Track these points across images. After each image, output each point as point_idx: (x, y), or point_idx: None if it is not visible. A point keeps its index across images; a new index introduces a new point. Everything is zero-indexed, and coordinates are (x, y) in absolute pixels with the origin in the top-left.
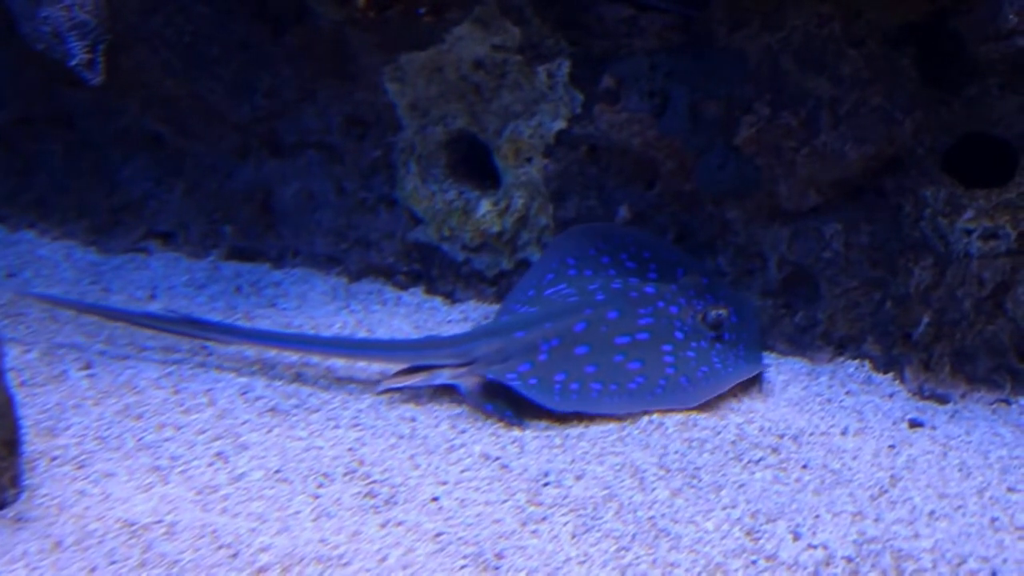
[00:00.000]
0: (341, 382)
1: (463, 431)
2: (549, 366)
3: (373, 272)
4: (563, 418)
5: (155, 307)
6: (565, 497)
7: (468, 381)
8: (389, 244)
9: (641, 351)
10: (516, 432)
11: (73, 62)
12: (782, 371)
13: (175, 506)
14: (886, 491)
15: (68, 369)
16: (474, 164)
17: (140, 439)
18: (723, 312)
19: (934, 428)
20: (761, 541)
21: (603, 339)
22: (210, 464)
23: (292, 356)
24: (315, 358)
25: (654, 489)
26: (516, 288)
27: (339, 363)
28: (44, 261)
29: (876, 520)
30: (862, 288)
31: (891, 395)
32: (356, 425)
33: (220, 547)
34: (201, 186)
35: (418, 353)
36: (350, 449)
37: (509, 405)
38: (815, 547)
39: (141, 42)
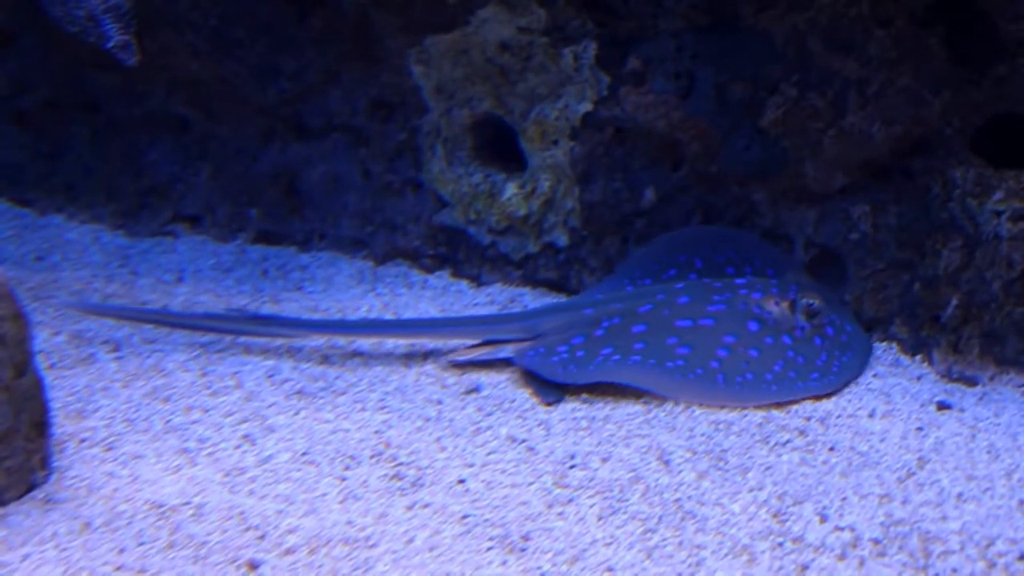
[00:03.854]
0: (368, 365)
1: (489, 414)
2: (601, 341)
3: (399, 255)
4: (591, 400)
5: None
6: (591, 479)
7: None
8: (415, 227)
9: (696, 336)
10: (542, 415)
11: (109, 44)
12: None
13: (203, 488)
14: (914, 473)
15: (96, 352)
16: (500, 147)
17: (168, 421)
18: (815, 301)
19: (962, 410)
20: (788, 523)
21: (663, 321)
22: (237, 446)
23: (365, 342)
24: (390, 341)
25: (680, 471)
26: (624, 272)
27: (366, 344)
28: (72, 245)
29: (904, 502)
30: (890, 270)
31: (919, 377)
32: (383, 408)
33: (248, 529)
34: (227, 169)
35: (489, 328)
36: (377, 432)
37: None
38: (842, 529)
39: (167, 25)
